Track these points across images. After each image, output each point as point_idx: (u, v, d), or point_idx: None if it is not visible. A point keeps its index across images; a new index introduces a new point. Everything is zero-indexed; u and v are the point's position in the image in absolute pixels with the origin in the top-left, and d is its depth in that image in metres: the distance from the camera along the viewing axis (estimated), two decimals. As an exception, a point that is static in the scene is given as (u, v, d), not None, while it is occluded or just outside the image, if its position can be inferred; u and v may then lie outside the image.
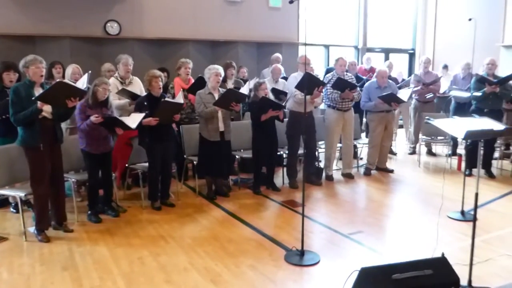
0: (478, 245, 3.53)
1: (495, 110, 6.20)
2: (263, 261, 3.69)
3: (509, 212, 4.92)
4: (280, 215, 4.93)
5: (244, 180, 5.93)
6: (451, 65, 9.04)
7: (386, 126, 6.47)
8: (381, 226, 4.67)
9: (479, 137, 3.48)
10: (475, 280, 3.11)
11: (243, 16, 8.53)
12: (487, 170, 6.41)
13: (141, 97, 5.02)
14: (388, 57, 11.07)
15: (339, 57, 6.05)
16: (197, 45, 8.06)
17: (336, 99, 5.94)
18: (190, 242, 4.10)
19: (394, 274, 2.49)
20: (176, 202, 5.20)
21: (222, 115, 5.16)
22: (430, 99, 7.51)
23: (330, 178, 6.17)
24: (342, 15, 10.63)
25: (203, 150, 5.24)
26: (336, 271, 3.47)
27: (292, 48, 8.98)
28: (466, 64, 7.52)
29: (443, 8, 11.09)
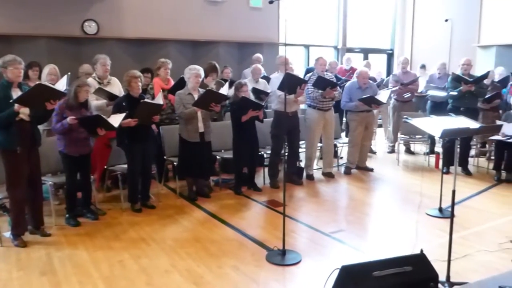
0: (456, 241, 3.59)
1: (471, 109, 6.33)
2: (245, 262, 3.69)
3: (485, 209, 5.03)
4: (261, 215, 4.93)
5: (225, 180, 5.92)
6: (428, 65, 9.20)
7: (366, 125, 6.54)
8: (362, 224, 4.71)
9: (455, 136, 3.54)
10: (453, 276, 3.16)
11: (224, 16, 8.51)
12: (463, 167, 6.54)
13: (120, 98, 4.97)
14: (367, 57, 11.19)
15: (319, 57, 6.10)
16: (177, 45, 8.00)
17: (317, 98, 5.98)
18: (171, 244, 4.07)
19: (374, 271, 2.51)
20: (157, 204, 5.15)
21: (202, 115, 5.13)
22: (408, 98, 7.62)
23: (311, 178, 6.20)
24: (322, 16, 10.70)
25: (183, 151, 5.21)
26: (318, 270, 3.49)
27: (273, 48, 9.00)
28: (442, 64, 7.68)
29: (420, 9, 11.28)
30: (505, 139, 5.94)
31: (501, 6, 9.30)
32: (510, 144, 5.92)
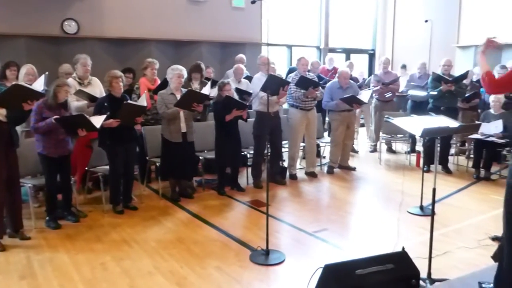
0: (437, 239, 3.65)
1: (451, 108, 6.44)
2: (229, 262, 3.68)
3: (465, 206, 5.12)
4: (245, 216, 4.93)
5: (209, 181, 5.89)
6: (409, 65, 9.33)
7: (348, 125, 6.60)
8: (345, 223, 4.75)
9: (435, 135, 3.60)
10: (434, 273, 3.21)
11: (206, 16, 8.47)
12: (444, 166, 6.64)
13: (101, 98, 4.90)
14: (349, 57, 11.30)
15: (301, 57, 6.13)
16: (159, 45, 7.94)
17: (299, 98, 6.00)
18: (154, 245, 4.03)
19: (357, 270, 2.54)
20: (139, 205, 5.10)
21: (184, 116, 5.10)
22: (390, 98, 7.71)
23: (294, 177, 6.22)
24: (304, 16, 10.76)
25: (165, 151, 5.17)
26: (302, 269, 3.50)
27: (256, 48, 8.99)
28: (422, 64, 7.80)
29: (401, 10, 11.43)
30: (484, 138, 6.06)
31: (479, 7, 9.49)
32: (488, 143, 6.04)
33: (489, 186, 5.89)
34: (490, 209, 4.87)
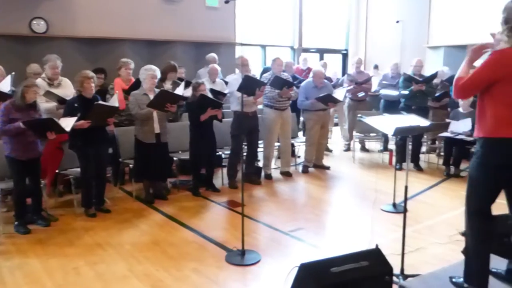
0: (409, 235, 3.72)
1: (422, 107, 6.58)
2: (205, 263, 3.66)
3: (437, 203, 5.24)
4: (220, 216, 4.91)
5: (183, 182, 5.84)
6: (381, 65, 9.49)
7: (322, 124, 6.66)
8: (320, 221, 4.79)
9: (407, 133, 3.67)
10: (407, 269, 3.26)
11: (180, 16, 8.40)
12: (415, 164, 6.78)
13: (72, 99, 4.79)
14: (323, 57, 11.40)
15: (276, 57, 6.16)
16: (133, 45, 7.83)
17: (274, 98, 6.03)
18: (129, 248, 3.97)
19: (332, 268, 2.56)
20: (113, 208, 5.01)
21: (157, 116, 5.04)
22: (362, 97, 7.83)
23: (269, 177, 6.24)
24: (278, 16, 10.80)
25: (139, 153, 5.10)
26: (278, 269, 3.51)
27: (230, 48, 8.98)
28: (394, 64, 7.94)
29: (373, 11, 11.61)
30: (453, 136, 6.22)
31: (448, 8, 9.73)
32: (458, 141, 6.20)
33: (459, 183, 6.04)
34: (460, 205, 4.92)
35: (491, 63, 2.44)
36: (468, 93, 2.57)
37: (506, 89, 2.41)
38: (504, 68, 2.39)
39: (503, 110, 2.44)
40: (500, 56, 2.42)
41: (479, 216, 2.57)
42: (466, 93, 2.57)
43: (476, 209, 2.58)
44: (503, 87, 2.41)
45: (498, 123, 2.45)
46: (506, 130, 2.43)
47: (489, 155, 2.50)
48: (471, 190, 2.61)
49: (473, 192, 2.60)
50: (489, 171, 2.51)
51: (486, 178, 2.53)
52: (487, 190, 2.55)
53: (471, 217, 2.60)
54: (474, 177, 2.60)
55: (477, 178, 2.57)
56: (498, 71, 2.41)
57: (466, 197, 2.64)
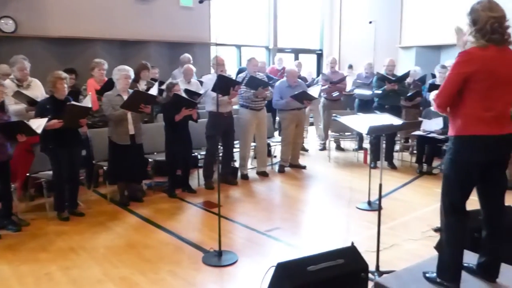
0: (384, 232, 3.77)
1: (395, 106, 6.70)
2: (182, 265, 3.63)
3: (410, 200, 5.35)
4: (197, 217, 4.89)
5: (159, 183, 5.78)
6: (355, 65, 9.61)
7: (297, 124, 6.69)
8: (297, 221, 4.82)
9: (380, 132, 3.73)
10: (382, 265, 3.32)
11: (153, 15, 8.30)
12: (389, 162, 6.90)
13: (43, 100, 4.67)
14: (297, 57, 11.47)
15: (251, 58, 6.17)
16: (105, 45, 7.69)
17: (249, 98, 6.03)
18: (103, 252, 3.90)
19: (309, 266, 2.58)
20: (86, 211, 4.91)
21: (132, 117, 4.97)
22: (337, 97, 7.92)
23: (245, 177, 6.24)
24: (253, 16, 10.81)
25: (113, 154, 5.01)
26: (255, 269, 3.51)
27: (205, 48, 8.94)
28: (368, 64, 8.05)
29: (347, 11, 11.75)
30: (425, 134, 6.35)
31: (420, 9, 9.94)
32: (430, 139, 6.34)
33: (431, 180, 6.18)
34: (432, 202, 5.10)
35: (457, 66, 2.51)
36: (446, 103, 2.64)
37: (474, 88, 2.48)
38: (471, 67, 2.46)
39: (472, 108, 2.51)
40: (466, 57, 2.49)
41: (454, 212, 2.63)
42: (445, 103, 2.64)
43: (451, 206, 2.64)
44: (471, 86, 2.48)
45: (467, 121, 2.52)
46: (474, 128, 2.50)
47: (460, 153, 2.56)
48: (445, 187, 2.68)
49: (447, 189, 2.66)
50: (461, 168, 2.57)
51: (459, 175, 2.59)
52: (461, 187, 2.61)
53: (446, 213, 2.66)
54: (447, 174, 2.66)
55: (451, 175, 2.63)
56: (465, 71, 2.47)
57: (441, 194, 2.70)
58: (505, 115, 2.54)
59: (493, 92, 2.48)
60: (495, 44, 2.46)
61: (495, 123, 2.50)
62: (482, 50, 2.46)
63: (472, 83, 2.48)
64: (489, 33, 2.43)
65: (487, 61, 2.45)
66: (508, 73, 2.49)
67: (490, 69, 2.45)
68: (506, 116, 2.55)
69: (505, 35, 2.48)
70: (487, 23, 2.43)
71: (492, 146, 2.53)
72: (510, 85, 2.51)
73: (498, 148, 2.55)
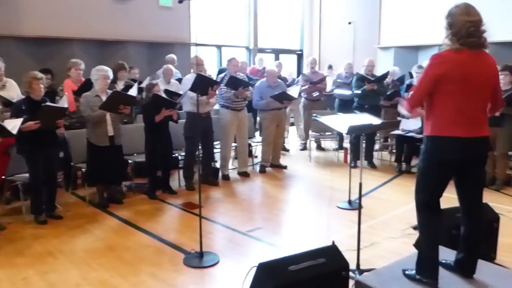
0: (364, 231, 3.81)
1: (374, 106, 6.77)
2: (163, 267, 3.59)
3: (389, 198, 5.41)
4: (178, 219, 4.85)
5: (139, 185, 5.71)
6: (335, 65, 9.68)
7: (278, 124, 6.71)
8: (278, 221, 4.82)
9: (360, 132, 3.76)
10: (362, 263, 3.35)
11: (132, 15, 8.20)
12: (369, 161, 6.97)
13: (19, 101, 4.57)
14: (278, 57, 11.50)
15: (232, 58, 6.16)
16: (83, 45, 7.56)
17: (230, 98, 6.01)
18: (82, 255, 3.83)
19: (290, 266, 2.58)
20: (65, 214, 4.82)
21: (111, 118, 4.90)
22: (317, 97, 7.96)
23: (226, 178, 6.22)
24: (233, 16, 10.79)
25: (92, 156, 4.94)
26: (236, 269, 3.50)
27: (185, 48, 8.87)
28: (348, 64, 8.11)
29: (326, 12, 11.84)
30: (404, 134, 6.44)
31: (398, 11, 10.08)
32: (408, 138, 6.43)
33: (410, 179, 6.25)
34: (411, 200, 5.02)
35: (429, 69, 2.57)
36: (418, 105, 2.72)
37: (446, 89, 2.53)
38: (442, 69, 2.51)
39: (444, 110, 2.56)
40: (438, 59, 2.55)
41: (427, 209, 2.69)
42: (417, 105, 2.72)
43: (424, 203, 2.70)
44: (443, 88, 2.53)
45: (440, 122, 2.57)
46: (446, 129, 2.55)
47: (433, 152, 2.62)
48: (418, 184, 2.73)
49: (420, 186, 2.72)
50: (434, 166, 2.64)
51: (432, 172, 2.65)
52: (433, 184, 2.67)
53: (418, 209, 2.72)
54: (420, 172, 2.73)
55: (424, 173, 2.70)
56: (437, 73, 2.52)
57: (415, 191, 2.75)
58: (477, 118, 2.57)
59: (465, 95, 2.52)
60: (469, 47, 2.50)
61: (466, 126, 2.54)
62: (456, 53, 2.51)
63: (443, 85, 2.52)
64: (464, 37, 2.48)
65: (460, 64, 2.49)
66: (480, 77, 2.53)
67: (462, 72, 2.49)
68: (479, 119, 2.58)
69: (481, 39, 2.52)
70: (463, 27, 2.47)
71: (464, 147, 2.56)
72: (482, 89, 2.55)
73: (470, 150, 2.57)
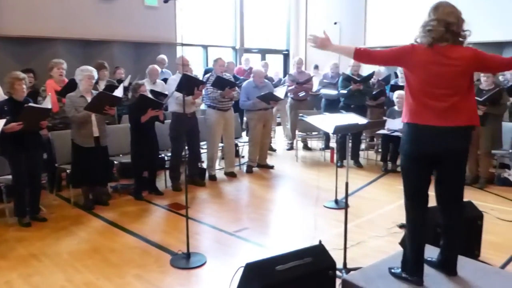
0: (351, 230, 3.82)
1: (360, 106, 6.82)
2: (149, 269, 3.57)
3: (375, 197, 5.45)
4: (164, 220, 4.81)
5: (125, 186, 5.66)
6: (321, 65, 9.72)
7: (264, 124, 6.71)
8: (265, 221, 4.82)
9: (346, 131, 3.79)
10: (349, 262, 3.36)
11: (117, 15, 8.13)
12: (355, 160, 7.02)
13: (1, 102, 4.48)
14: (264, 57, 11.51)
15: (218, 58, 6.14)
16: (67, 45, 7.47)
17: (216, 98, 6.00)
18: (67, 257, 3.78)
19: (277, 266, 2.58)
20: (49, 216, 4.75)
21: (96, 119, 4.84)
22: (304, 97, 7.99)
23: (213, 178, 6.20)
24: (219, 16, 10.77)
25: (77, 157, 4.87)
26: (223, 270, 3.49)
27: (171, 48, 8.83)
28: (334, 64, 8.15)
29: (312, 12, 11.88)
30: (390, 133, 6.50)
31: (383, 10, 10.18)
32: (394, 137, 6.48)
33: (396, 178, 6.30)
34: (397, 199, 5.20)
35: (401, 49, 2.67)
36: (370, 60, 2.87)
37: (413, 78, 2.62)
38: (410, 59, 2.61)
39: (414, 99, 2.63)
40: (411, 48, 2.64)
41: (413, 206, 2.72)
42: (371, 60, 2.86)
43: (410, 200, 2.73)
44: (411, 77, 2.63)
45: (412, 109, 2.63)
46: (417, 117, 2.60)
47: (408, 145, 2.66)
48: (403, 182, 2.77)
49: (405, 183, 2.76)
50: (411, 161, 2.69)
51: (411, 168, 2.71)
52: (414, 180, 2.71)
53: (407, 208, 2.75)
54: (402, 169, 2.78)
55: (405, 169, 2.75)
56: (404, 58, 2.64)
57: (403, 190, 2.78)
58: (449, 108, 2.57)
59: (434, 86, 2.57)
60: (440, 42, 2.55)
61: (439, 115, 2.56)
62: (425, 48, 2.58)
63: (411, 74, 2.62)
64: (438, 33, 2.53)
65: (428, 57, 2.56)
66: (447, 70, 2.55)
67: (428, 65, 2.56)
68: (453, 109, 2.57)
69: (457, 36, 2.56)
70: (439, 24, 2.53)
71: (436, 137, 2.58)
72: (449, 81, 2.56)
73: (442, 140, 2.58)
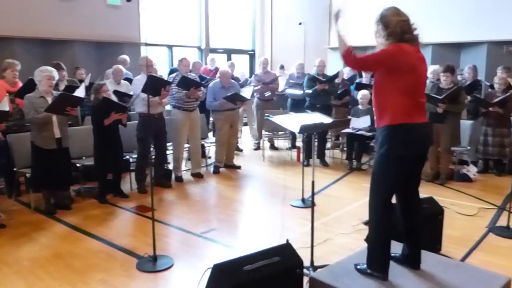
0: (318, 228, 3.88)
1: (326, 106, 6.92)
2: (114, 273, 3.49)
3: (341, 195, 5.54)
4: (130, 223, 4.72)
5: (88, 189, 5.52)
6: (287, 66, 9.80)
7: (231, 124, 6.70)
8: (233, 221, 4.81)
9: (311, 130, 3.83)
10: (316, 260, 3.40)
11: (78, 13, 7.91)
12: (321, 159, 7.11)
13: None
14: (230, 57, 11.49)
15: (183, 58, 6.08)
16: (24, 44, 7.21)
17: (182, 99, 5.94)
18: (28, 265, 3.65)
19: (245, 266, 2.58)
20: (8, 222, 4.57)
21: (57, 120, 4.69)
22: (270, 97, 8.03)
23: (179, 179, 6.13)
24: (184, 16, 10.67)
25: (37, 160, 4.71)
26: (191, 272, 3.46)
27: (134, 48, 8.67)
28: (299, 64, 8.23)
29: (277, 13, 11.96)
30: (354, 132, 6.62)
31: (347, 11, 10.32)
32: (358, 136, 6.61)
33: (360, 176, 6.45)
34: (362, 197, 5.31)
35: (389, 53, 2.68)
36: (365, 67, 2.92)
37: (404, 78, 2.66)
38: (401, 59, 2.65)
39: (402, 99, 2.66)
40: (398, 49, 2.67)
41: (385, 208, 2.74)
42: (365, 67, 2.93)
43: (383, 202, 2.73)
44: (401, 77, 2.66)
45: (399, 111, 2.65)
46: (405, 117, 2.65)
47: (394, 147, 2.65)
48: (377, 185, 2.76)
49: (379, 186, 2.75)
50: (403, 162, 2.68)
51: (400, 170, 2.70)
52: (399, 181, 2.75)
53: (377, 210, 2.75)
54: (379, 171, 2.74)
55: (381, 170, 2.73)
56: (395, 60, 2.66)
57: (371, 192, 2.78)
58: (423, 106, 2.79)
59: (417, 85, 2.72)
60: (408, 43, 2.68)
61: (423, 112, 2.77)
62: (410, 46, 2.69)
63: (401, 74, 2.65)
64: (400, 34, 2.67)
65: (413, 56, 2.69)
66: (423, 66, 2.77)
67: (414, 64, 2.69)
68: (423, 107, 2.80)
69: (414, 36, 2.73)
70: (397, 26, 2.67)
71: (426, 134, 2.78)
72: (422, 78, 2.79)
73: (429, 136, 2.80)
